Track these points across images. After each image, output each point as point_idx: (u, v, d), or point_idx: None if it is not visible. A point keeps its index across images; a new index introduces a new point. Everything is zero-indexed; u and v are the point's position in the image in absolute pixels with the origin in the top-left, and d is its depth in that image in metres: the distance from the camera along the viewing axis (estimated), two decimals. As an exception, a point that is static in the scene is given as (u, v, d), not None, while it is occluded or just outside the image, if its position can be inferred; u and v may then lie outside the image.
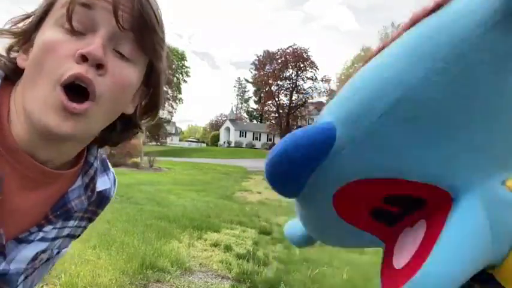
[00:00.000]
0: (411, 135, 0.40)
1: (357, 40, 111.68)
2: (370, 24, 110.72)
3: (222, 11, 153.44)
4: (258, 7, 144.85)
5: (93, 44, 0.45)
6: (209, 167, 18.60)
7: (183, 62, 40.82)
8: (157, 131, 40.24)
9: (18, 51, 0.53)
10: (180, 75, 40.69)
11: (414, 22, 0.40)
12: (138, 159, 15.75)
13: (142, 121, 0.61)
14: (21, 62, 0.51)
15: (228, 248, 4.11)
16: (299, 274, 3.42)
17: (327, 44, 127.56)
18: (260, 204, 7.89)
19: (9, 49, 0.53)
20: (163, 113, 44.86)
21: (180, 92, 42.65)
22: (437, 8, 0.38)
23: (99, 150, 0.63)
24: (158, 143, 45.60)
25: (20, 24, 0.52)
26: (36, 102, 0.45)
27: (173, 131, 59.74)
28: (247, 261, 3.71)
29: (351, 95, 0.44)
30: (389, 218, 0.53)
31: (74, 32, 0.46)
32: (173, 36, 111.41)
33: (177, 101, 45.27)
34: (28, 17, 0.53)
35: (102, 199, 0.65)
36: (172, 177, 12.16)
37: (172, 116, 48.35)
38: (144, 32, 0.48)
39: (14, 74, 0.52)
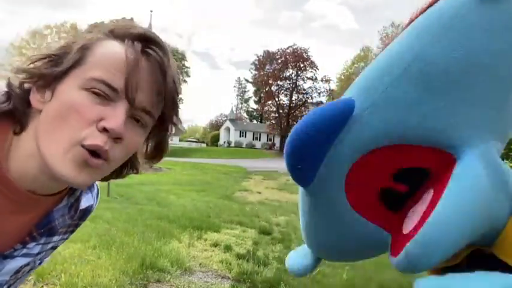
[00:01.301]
0: (421, 92, 0.46)
1: (357, 40, 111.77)
2: (370, 24, 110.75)
3: (222, 11, 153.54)
4: (258, 7, 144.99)
5: (116, 118, 0.47)
6: (209, 167, 18.59)
7: (183, 62, 40.88)
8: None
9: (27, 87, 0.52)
10: (180, 75, 40.73)
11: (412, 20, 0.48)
12: (138, 159, 15.69)
13: (146, 163, 0.65)
14: (36, 102, 0.51)
15: (228, 248, 4.11)
16: (299, 274, 3.41)
17: (327, 44, 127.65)
18: (260, 204, 7.88)
19: (21, 84, 0.52)
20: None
21: (180, 92, 42.66)
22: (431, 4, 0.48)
23: None
24: (158, 143, 45.49)
25: (38, 64, 0.51)
26: (54, 150, 0.48)
27: (173, 131, 59.63)
28: (247, 261, 3.71)
29: (370, 67, 0.50)
30: (396, 202, 0.57)
31: (99, 96, 0.48)
32: (173, 36, 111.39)
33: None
34: (48, 57, 0.51)
35: (85, 213, 0.68)
36: (172, 177, 12.15)
37: (172, 116, 48.24)
38: (167, 108, 0.55)
39: (22, 109, 0.51)
